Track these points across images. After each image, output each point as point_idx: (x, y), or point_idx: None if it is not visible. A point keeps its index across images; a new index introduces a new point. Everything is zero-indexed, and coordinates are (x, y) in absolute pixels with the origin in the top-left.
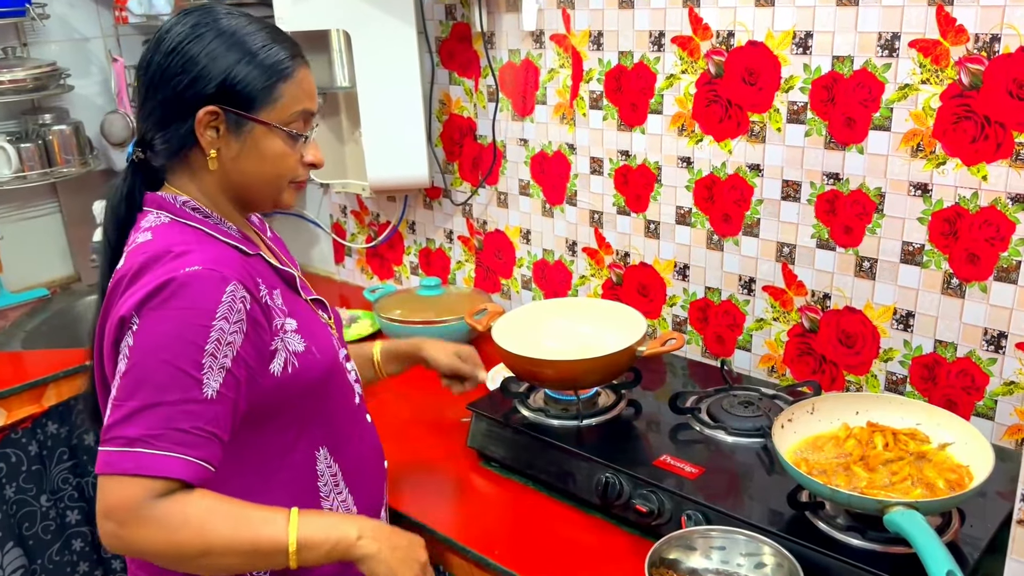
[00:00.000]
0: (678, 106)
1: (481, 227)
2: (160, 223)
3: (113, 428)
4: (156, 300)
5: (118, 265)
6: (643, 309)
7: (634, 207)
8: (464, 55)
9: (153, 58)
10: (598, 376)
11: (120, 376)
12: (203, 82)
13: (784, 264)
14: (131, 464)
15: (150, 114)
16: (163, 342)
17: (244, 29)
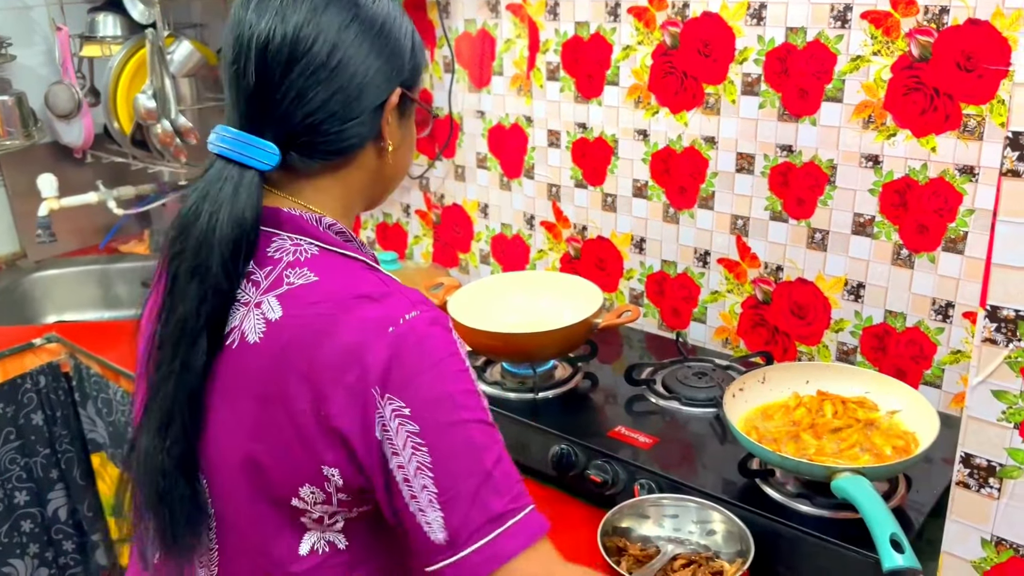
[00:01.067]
0: (634, 78)
1: (439, 201)
2: (310, 255)
3: (467, 522)
4: (406, 368)
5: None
6: (600, 282)
7: (591, 180)
8: (419, 24)
9: (319, 33)
10: (554, 349)
11: (428, 469)
12: (393, 64)
13: (738, 236)
14: (522, 538)
15: (324, 105)
16: (451, 404)
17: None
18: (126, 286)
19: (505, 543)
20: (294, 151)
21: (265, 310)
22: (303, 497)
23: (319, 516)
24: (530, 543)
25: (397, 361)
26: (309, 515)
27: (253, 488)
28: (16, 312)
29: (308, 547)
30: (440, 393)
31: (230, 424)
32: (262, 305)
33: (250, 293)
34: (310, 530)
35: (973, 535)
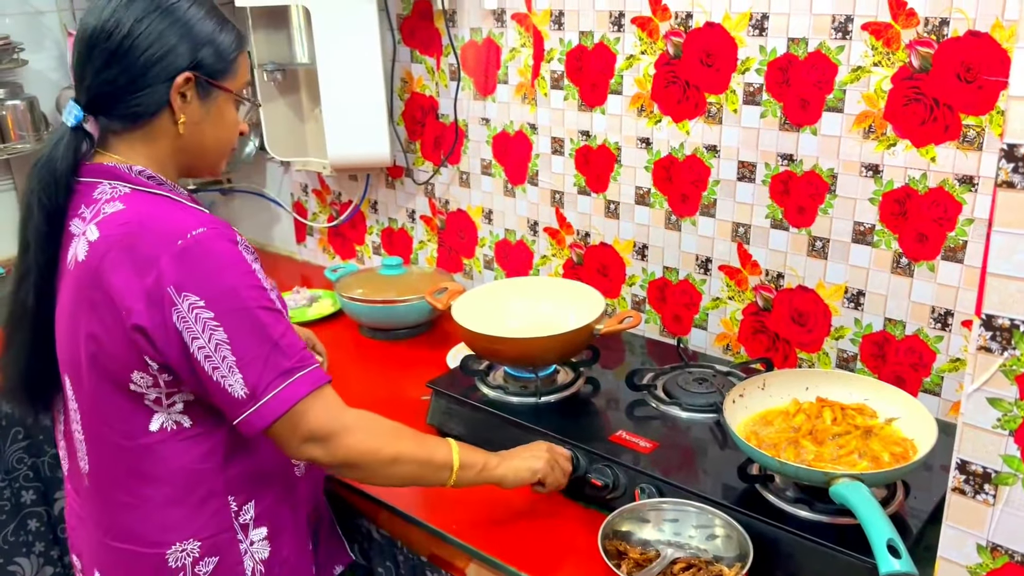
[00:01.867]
0: (637, 87)
1: (443, 207)
2: (123, 193)
3: (263, 377)
4: (193, 269)
5: (79, 241)
6: (603, 288)
7: (594, 187)
8: (426, 33)
9: (119, 23)
10: (556, 354)
11: (226, 343)
12: (180, 50)
13: (739, 244)
14: (306, 385)
15: (114, 79)
16: (236, 294)
17: (204, 1)
18: None
19: (295, 389)
20: (100, 114)
21: (88, 235)
22: (136, 382)
23: (156, 397)
24: (314, 388)
25: (186, 266)
26: (147, 397)
27: (101, 378)
28: None
29: (157, 425)
30: (227, 287)
31: (76, 329)
32: (86, 232)
33: (80, 227)
34: (156, 412)
35: (969, 541)
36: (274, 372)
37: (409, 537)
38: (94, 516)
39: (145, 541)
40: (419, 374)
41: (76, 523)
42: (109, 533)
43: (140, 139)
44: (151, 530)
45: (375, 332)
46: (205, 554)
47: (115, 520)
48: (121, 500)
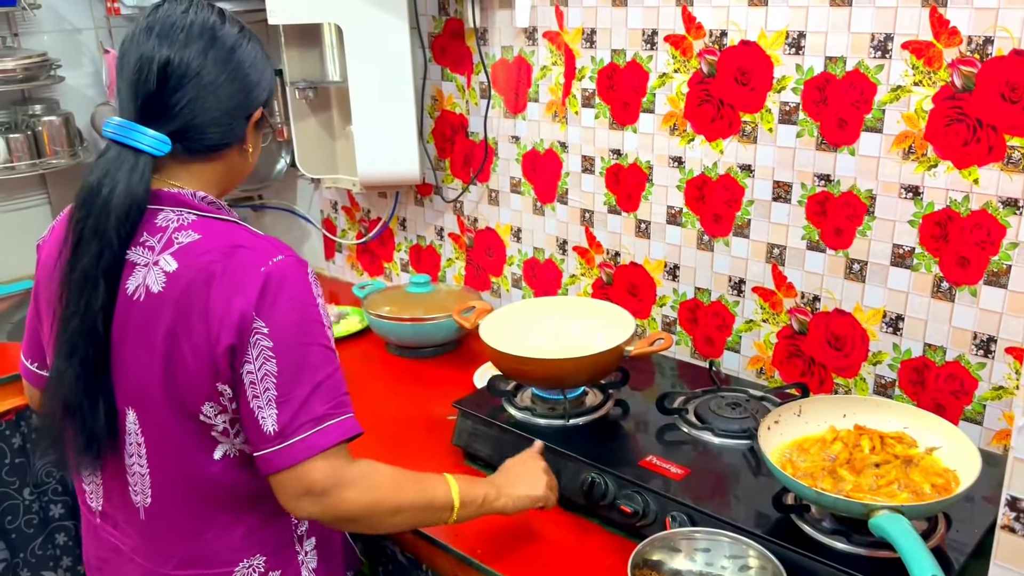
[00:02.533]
0: (670, 105)
1: (472, 225)
2: (191, 221)
3: (295, 419)
4: (269, 298)
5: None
6: (633, 309)
7: (625, 206)
8: (457, 51)
9: (208, 56)
10: (585, 375)
11: (273, 376)
12: (264, 84)
13: (774, 265)
14: (330, 438)
15: (205, 111)
16: (299, 329)
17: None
18: None
19: (318, 439)
20: (180, 143)
21: (163, 265)
22: (206, 413)
23: (223, 428)
24: (338, 441)
25: (265, 292)
26: (215, 428)
27: (170, 410)
28: None
29: (220, 454)
30: (293, 318)
31: (147, 362)
32: (159, 263)
33: (147, 256)
34: (220, 443)
35: None
36: (307, 417)
37: (434, 561)
38: (149, 549)
39: (213, 563)
40: (446, 393)
41: (113, 557)
42: (170, 563)
43: (202, 166)
44: (219, 552)
45: (402, 350)
46: (270, 568)
47: (179, 549)
48: (187, 528)
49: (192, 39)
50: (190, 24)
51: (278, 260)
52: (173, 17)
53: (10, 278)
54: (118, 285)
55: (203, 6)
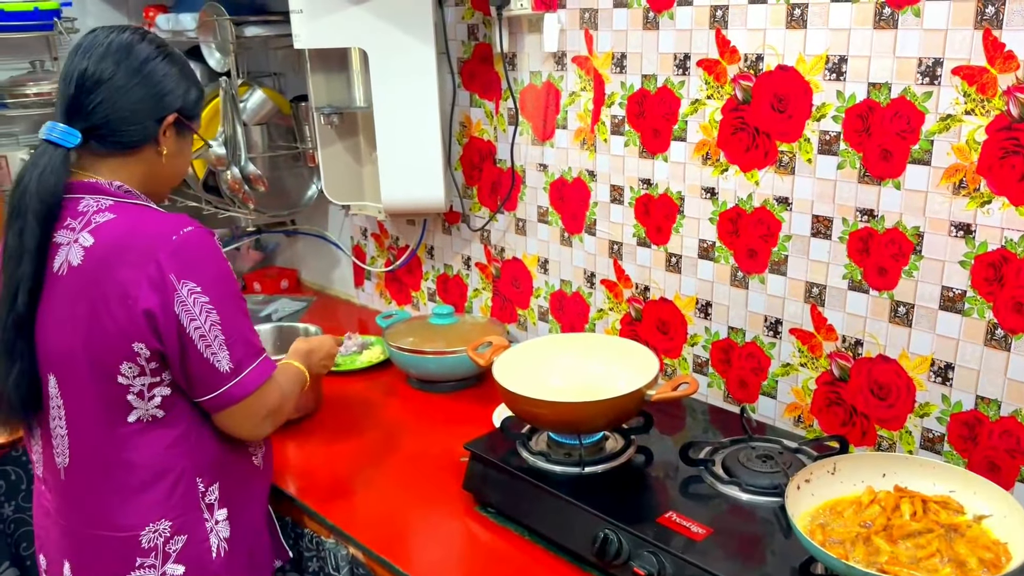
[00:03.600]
0: (703, 133)
1: (499, 254)
2: (108, 205)
3: (246, 352)
4: (191, 261)
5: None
6: (662, 347)
7: (655, 239)
8: (485, 76)
9: (121, 66)
10: (603, 420)
11: (218, 324)
12: (177, 94)
13: (813, 306)
14: (270, 368)
15: (117, 111)
16: (224, 281)
17: (185, 59)
18: None
19: (265, 367)
20: (93, 139)
21: (81, 242)
22: (124, 373)
23: (139, 390)
24: (274, 367)
25: (183, 257)
26: (131, 389)
27: (91, 374)
28: None
29: (135, 417)
30: (218, 275)
31: (68, 329)
32: (79, 240)
33: (69, 236)
34: (135, 407)
35: None
36: (251, 350)
37: None
38: (67, 508)
39: (120, 526)
40: (463, 432)
41: (44, 520)
42: (83, 522)
43: (120, 162)
44: (126, 514)
45: (423, 384)
46: (175, 533)
47: (91, 508)
48: (98, 488)
49: (108, 53)
50: (109, 43)
51: (188, 230)
52: (98, 39)
53: None
54: (44, 262)
55: (128, 30)
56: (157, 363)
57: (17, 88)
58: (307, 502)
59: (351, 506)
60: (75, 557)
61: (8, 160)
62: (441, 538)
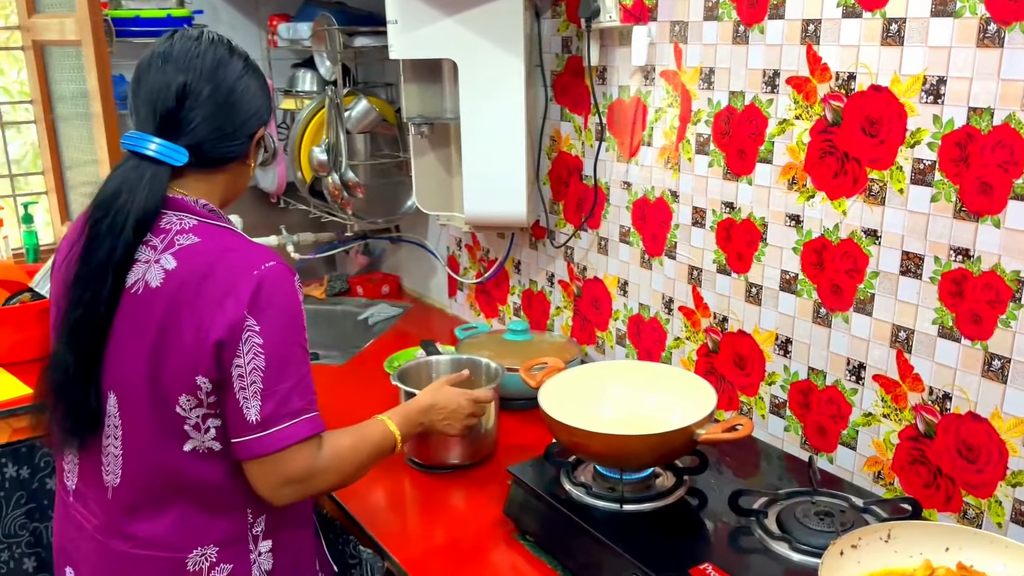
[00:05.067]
0: (789, 156)
1: (581, 273)
2: (192, 225)
3: (278, 410)
4: (263, 299)
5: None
6: (739, 384)
7: (736, 267)
8: (577, 90)
9: (220, 79)
10: (647, 457)
11: (260, 371)
12: (265, 108)
13: (899, 352)
14: (306, 430)
15: (219, 127)
16: (286, 330)
17: (260, 70)
18: None
19: (297, 430)
20: (194, 156)
21: (163, 263)
22: (182, 405)
23: (195, 423)
24: (311, 434)
25: (258, 294)
26: (187, 421)
27: (150, 398)
28: None
29: (190, 447)
30: (283, 320)
31: (135, 351)
32: (160, 261)
33: (150, 254)
34: (191, 437)
35: None
36: (287, 409)
37: None
38: (111, 526)
39: (168, 547)
40: (521, 454)
41: (76, 534)
42: (130, 541)
43: (209, 177)
44: (175, 537)
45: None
46: (220, 560)
47: (138, 528)
48: (148, 511)
49: (205, 66)
50: (203, 53)
51: (270, 266)
52: (187, 47)
53: None
54: (124, 281)
55: (213, 39)
56: (216, 397)
57: None
58: (352, 510)
59: (394, 519)
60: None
61: None
62: (474, 563)
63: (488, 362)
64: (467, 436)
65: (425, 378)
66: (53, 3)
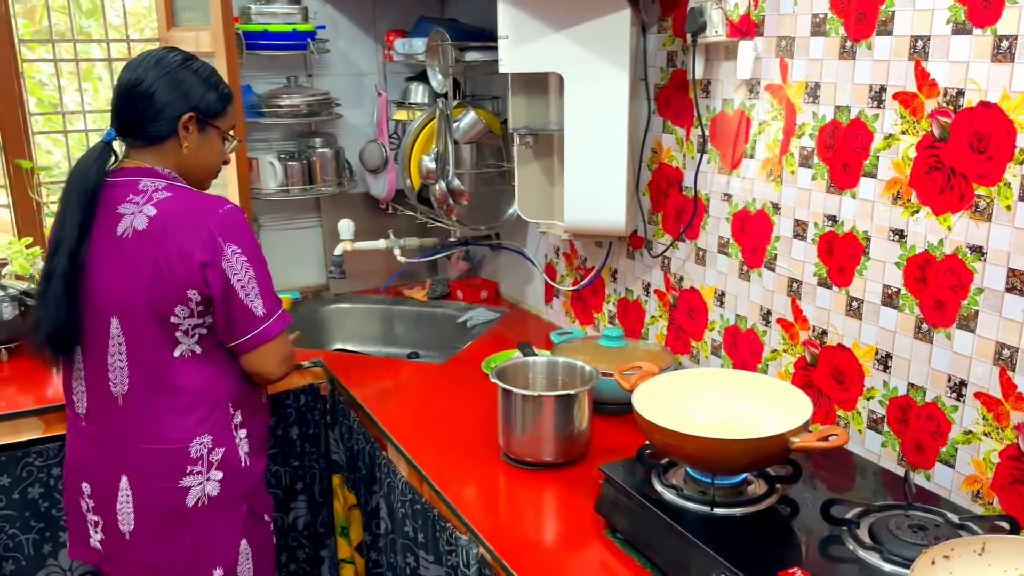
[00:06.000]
0: (894, 170)
1: (677, 283)
2: (164, 185)
3: (273, 304)
4: (229, 228)
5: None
6: (836, 398)
7: (837, 280)
8: (680, 103)
9: (149, 74)
10: (740, 462)
11: (254, 278)
12: (191, 97)
13: (1002, 369)
14: (287, 319)
15: (141, 112)
16: (256, 247)
17: (210, 67)
18: (403, 327)
19: (284, 318)
20: (128, 135)
21: (146, 212)
22: (177, 314)
23: (186, 328)
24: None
25: (227, 225)
26: (180, 327)
27: (149, 316)
28: (313, 336)
29: (179, 352)
30: (252, 242)
31: (132, 280)
32: (143, 211)
33: (133, 208)
34: (180, 342)
35: None
36: (277, 302)
37: None
38: (124, 430)
39: (174, 440)
40: (612, 456)
41: (88, 449)
42: (142, 438)
43: (154, 153)
44: (178, 430)
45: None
46: (215, 445)
47: (149, 427)
48: (154, 410)
49: (144, 67)
50: (147, 58)
51: (228, 207)
52: (140, 57)
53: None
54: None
55: (165, 49)
56: (204, 307)
57: (273, 100)
58: (450, 500)
59: (489, 510)
60: (133, 470)
61: (258, 162)
62: (566, 556)
63: (583, 365)
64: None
65: (522, 378)
66: (190, 17)
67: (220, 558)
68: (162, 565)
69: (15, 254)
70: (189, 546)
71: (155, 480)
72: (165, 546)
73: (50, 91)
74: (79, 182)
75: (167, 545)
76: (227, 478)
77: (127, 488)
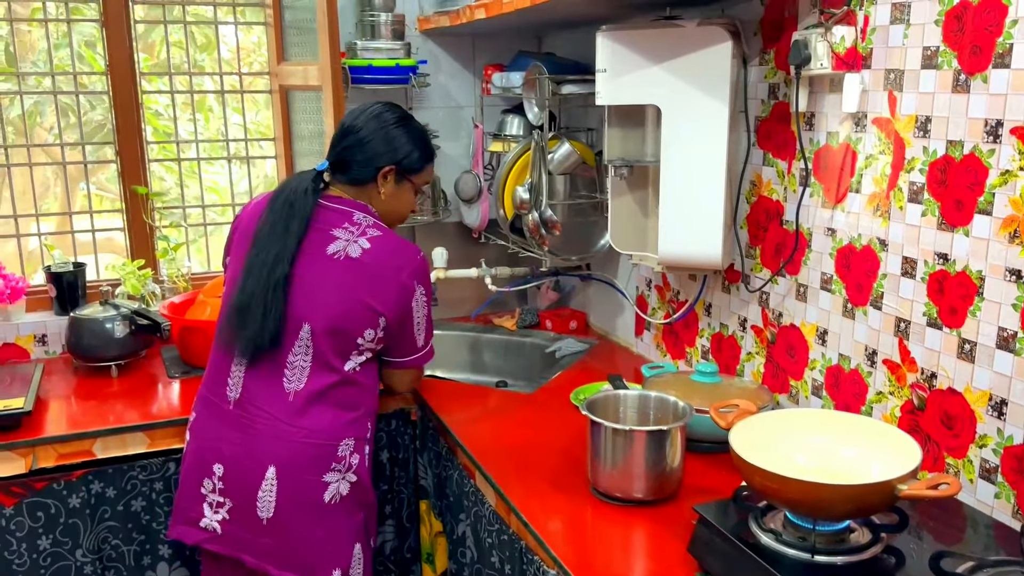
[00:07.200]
0: (1012, 208)
1: (776, 319)
2: (373, 223)
3: (428, 339)
4: (424, 272)
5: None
6: (946, 445)
7: (948, 321)
8: (781, 136)
9: (368, 125)
10: (842, 508)
11: (424, 317)
12: (397, 152)
13: None
14: (431, 355)
15: (352, 156)
16: (432, 293)
17: (421, 128)
18: (492, 355)
19: (430, 352)
20: (337, 171)
21: (361, 244)
22: (364, 335)
23: (366, 347)
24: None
25: (421, 271)
26: (361, 347)
27: (338, 329)
28: None
29: (349, 366)
30: (430, 287)
31: (334, 296)
32: (359, 241)
33: (348, 236)
34: (355, 357)
35: None
36: (431, 339)
37: None
38: (287, 422)
39: (327, 437)
40: (705, 496)
41: (235, 434)
42: (302, 431)
43: (355, 191)
44: (331, 429)
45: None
46: (355, 450)
47: (310, 422)
48: (318, 408)
49: (364, 117)
50: (369, 109)
51: (421, 255)
52: (363, 107)
53: None
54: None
55: (383, 104)
56: (384, 333)
57: None
58: (539, 533)
59: (577, 545)
60: (283, 460)
61: None
62: None
63: (676, 400)
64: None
65: (612, 411)
66: (299, 53)
67: (340, 558)
68: (290, 554)
69: (128, 275)
70: (320, 540)
71: (304, 471)
72: (300, 536)
73: (164, 121)
74: (300, 203)
75: (302, 535)
76: (356, 484)
77: (273, 477)
